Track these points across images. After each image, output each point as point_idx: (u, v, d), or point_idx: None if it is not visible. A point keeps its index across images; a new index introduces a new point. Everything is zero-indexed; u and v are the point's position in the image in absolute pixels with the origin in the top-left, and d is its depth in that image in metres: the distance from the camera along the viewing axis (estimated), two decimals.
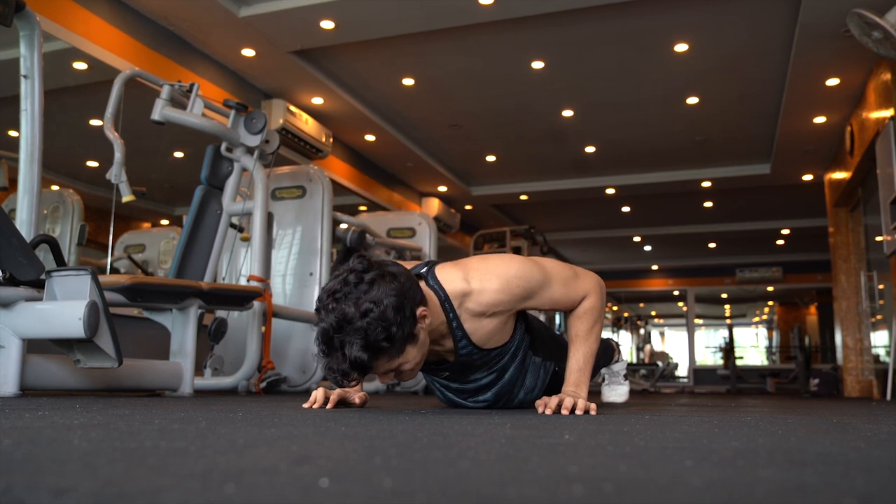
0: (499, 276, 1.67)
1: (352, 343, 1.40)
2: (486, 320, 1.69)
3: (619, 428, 1.19)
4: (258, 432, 0.98)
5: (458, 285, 1.66)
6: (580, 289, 1.77)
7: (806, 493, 0.53)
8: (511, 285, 1.67)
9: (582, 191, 8.40)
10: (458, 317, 1.67)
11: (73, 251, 4.24)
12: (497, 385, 1.89)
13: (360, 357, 1.41)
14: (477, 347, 1.72)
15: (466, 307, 1.67)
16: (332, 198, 4.22)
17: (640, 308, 17.52)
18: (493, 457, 0.73)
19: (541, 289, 1.71)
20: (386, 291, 1.42)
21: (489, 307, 1.67)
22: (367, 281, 1.43)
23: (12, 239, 2.06)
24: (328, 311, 1.42)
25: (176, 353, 2.79)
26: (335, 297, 1.43)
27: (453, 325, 1.67)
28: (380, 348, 1.42)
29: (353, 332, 1.40)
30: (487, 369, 1.84)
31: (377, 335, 1.40)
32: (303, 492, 0.49)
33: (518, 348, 1.86)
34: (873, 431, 1.21)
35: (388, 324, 1.41)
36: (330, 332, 1.42)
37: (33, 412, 1.34)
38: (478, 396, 1.93)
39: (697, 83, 5.64)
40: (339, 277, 1.46)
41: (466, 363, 1.78)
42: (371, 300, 1.41)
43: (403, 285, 1.47)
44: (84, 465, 0.60)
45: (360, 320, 1.39)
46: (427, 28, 4.67)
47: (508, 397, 1.95)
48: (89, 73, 4.27)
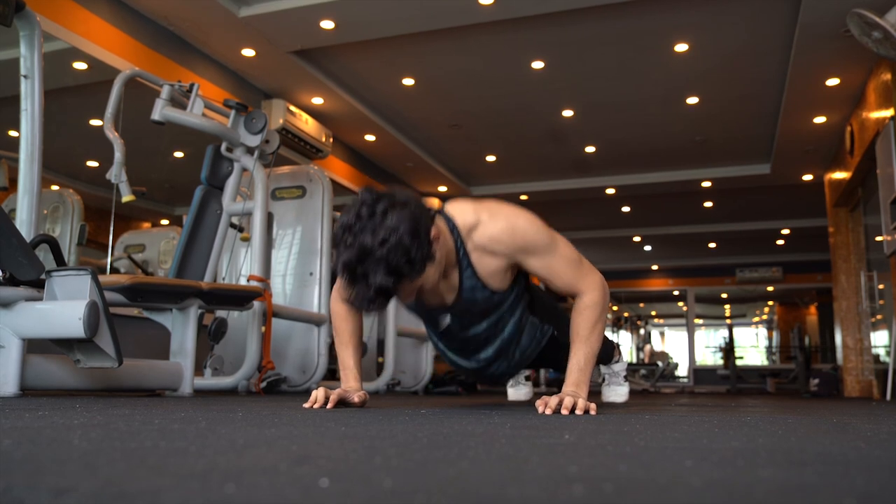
0: (507, 219, 1.72)
1: (375, 272, 1.46)
2: (488, 258, 1.73)
3: (619, 428, 1.19)
4: (258, 432, 0.98)
5: (468, 217, 1.72)
6: (582, 277, 1.78)
7: (806, 493, 0.53)
8: (516, 231, 1.71)
9: (582, 191, 8.40)
10: (466, 246, 1.72)
11: (73, 251, 4.25)
12: (496, 341, 1.94)
13: (385, 284, 1.46)
14: (481, 282, 1.75)
15: (473, 239, 1.72)
16: (332, 198, 4.22)
17: (640, 308, 17.52)
18: (493, 457, 0.73)
19: (543, 251, 1.73)
20: (399, 218, 1.47)
21: (491, 242, 1.71)
22: (379, 212, 1.47)
23: (12, 239, 2.06)
24: (347, 246, 1.47)
25: (176, 353, 2.79)
26: (352, 231, 1.47)
27: (460, 255, 1.72)
28: (402, 273, 1.48)
29: (374, 261, 1.45)
30: (486, 320, 1.87)
31: (398, 261, 1.46)
32: (303, 492, 0.49)
33: (517, 302, 1.89)
34: (873, 431, 1.21)
35: (407, 248, 1.46)
36: (353, 264, 1.47)
37: (33, 412, 1.34)
38: (479, 354, 1.98)
39: (697, 83, 5.65)
40: (352, 212, 1.50)
41: (469, 304, 1.80)
42: (387, 229, 1.45)
43: (414, 210, 1.51)
44: (84, 465, 0.60)
45: (379, 249, 1.45)
46: (427, 28, 4.67)
47: (506, 354, 1.99)
48: (89, 73, 4.27)
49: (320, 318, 3.96)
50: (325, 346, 3.97)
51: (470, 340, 1.93)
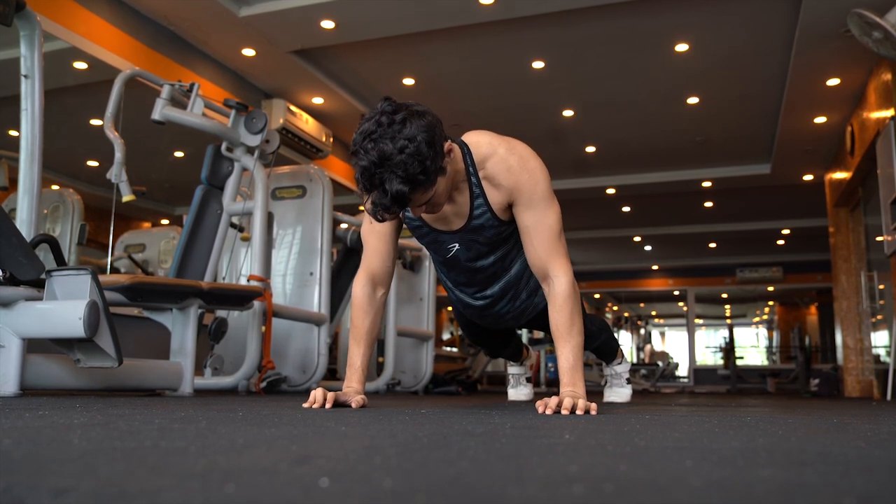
0: (522, 156, 1.77)
1: (391, 178, 1.50)
2: (493, 189, 1.77)
3: (619, 428, 1.19)
4: (258, 432, 0.98)
5: (483, 147, 1.77)
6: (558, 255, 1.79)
7: (806, 493, 0.52)
8: (524, 171, 1.75)
9: (582, 191, 8.40)
10: (478, 173, 1.76)
11: (74, 251, 4.25)
12: (503, 278, 1.98)
13: (402, 189, 1.51)
14: (490, 209, 1.79)
15: (486, 167, 1.76)
16: (332, 198, 4.22)
17: (640, 308, 17.52)
18: (494, 457, 0.73)
19: (537, 202, 1.76)
20: (418, 127, 1.52)
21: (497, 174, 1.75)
22: (398, 121, 1.51)
23: (12, 238, 2.06)
24: (366, 151, 1.50)
25: (176, 353, 2.79)
26: (371, 138, 1.50)
27: (472, 181, 1.76)
28: (417, 181, 1.52)
29: (392, 167, 1.49)
30: (493, 253, 1.90)
31: (414, 168, 1.50)
32: (303, 492, 0.49)
33: None
34: (873, 431, 1.21)
35: (423, 157, 1.51)
36: (371, 169, 1.50)
37: (33, 412, 1.34)
38: (485, 290, 2.01)
39: (697, 83, 5.65)
40: (372, 119, 1.53)
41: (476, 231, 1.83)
42: (405, 137, 1.50)
43: (431, 121, 1.56)
44: (84, 465, 0.60)
45: (398, 156, 1.49)
46: (427, 28, 4.67)
47: (514, 293, 2.02)
48: (89, 72, 4.27)
49: (320, 318, 3.96)
50: (325, 345, 3.97)
51: (476, 272, 1.96)
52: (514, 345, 2.77)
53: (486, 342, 2.59)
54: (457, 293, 2.08)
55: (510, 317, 2.13)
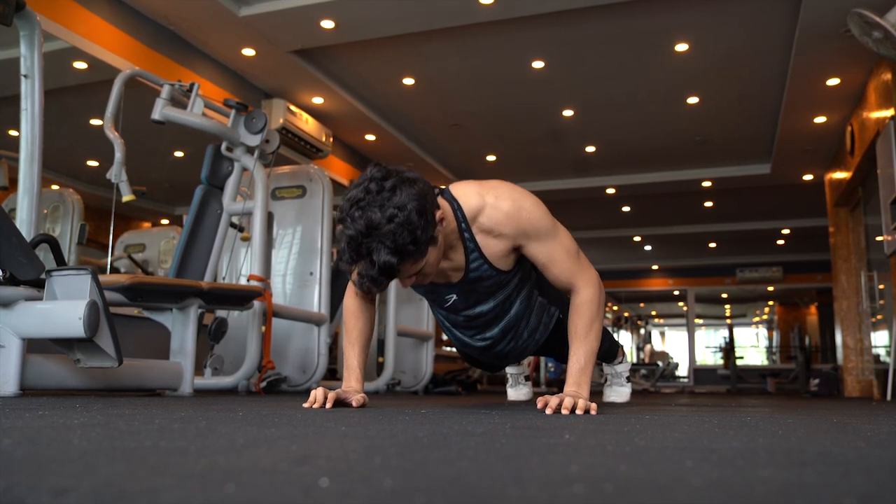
0: (514, 200, 1.72)
1: (379, 249, 1.45)
2: (493, 240, 1.73)
3: (619, 428, 1.19)
4: (258, 432, 0.98)
5: (472, 200, 1.71)
6: (579, 270, 1.78)
7: (806, 493, 0.52)
8: (521, 214, 1.71)
9: (582, 191, 8.40)
10: (471, 228, 1.71)
11: (74, 251, 4.25)
12: (503, 320, 1.93)
13: (390, 261, 1.45)
14: (487, 263, 1.75)
15: (479, 221, 1.71)
16: (332, 197, 4.22)
17: (640, 308, 17.52)
18: (493, 457, 0.72)
19: (545, 236, 1.74)
20: (408, 196, 1.46)
21: (497, 226, 1.71)
22: (388, 188, 1.46)
23: (12, 238, 2.06)
24: (354, 220, 1.45)
25: (176, 353, 2.79)
26: (359, 206, 1.45)
27: (465, 237, 1.71)
28: (406, 252, 1.47)
29: (380, 237, 1.44)
30: (493, 298, 1.86)
31: (404, 239, 1.45)
32: (303, 492, 0.49)
33: (524, 281, 1.89)
34: (873, 431, 1.21)
35: (413, 227, 1.45)
36: (358, 239, 1.45)
37: (33, 412, 1.34)
38: (485, 333, 1.96)
39: (697, 83, 5.64)
40: (360, 186, 1.48)
41: (475, 283, 1.80)
42: (395, 206, 1.44)
43: (422, 189, 1.50)
44: (84, 465, 0.60)
45: (386, 225, 1.44)
46: (427, 28, 4.66)
47: (513, 333, 1.98)
48: (89, 72, 4.27)
49: (320, 318, 3.96)
50: (326, 345, 3.97)
51: (476, 317, 1.92)
52: None
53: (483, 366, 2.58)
54: (455, 333, 2.03)
55: (512, 355, 2.11)
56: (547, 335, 2.05)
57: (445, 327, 2.04)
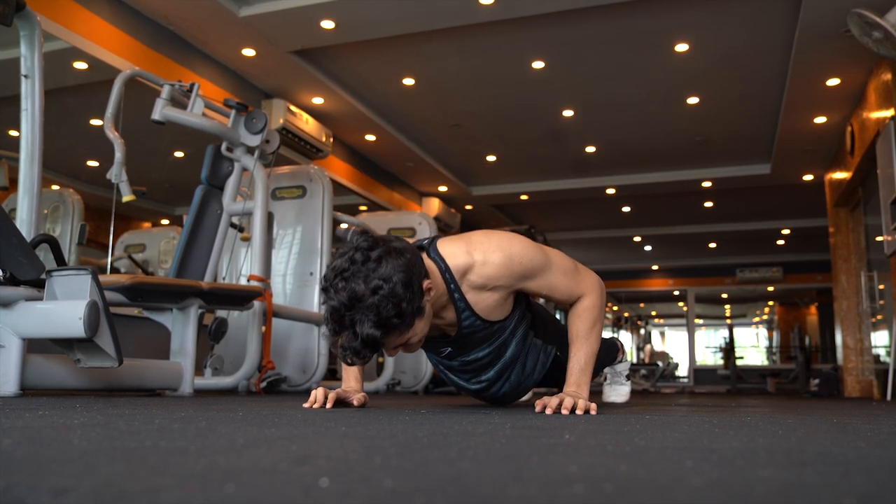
0: (502, 250, 1.68)
1: (363, 321, 1.41)
2: (486, 294, 1.71)
3: (619, 428, 1.19)
4: (258, 432, 0.98)
5: (460, 259, 1.68)
6: (580, 283, 1.78)
7: (806, 493, 0.52)
8: (513, 262, 1.68)
9: (582, 191, 8.40)
10: (460, 288, 1.68)
11: (74, 251, 4.25)
12: (498, 364, 1.91)
13: (373, 334, 1.41)
14: (480, 318, 1.74)
15: (468, 279, 1.68)
16: (332, 198, 4.22)
17: (640, 308, 17.52)
18: (493, 457, 0.73)
19: (541, 272, 1.72)
20: (394, 267, 1.43)
21: (490, 280, 1.68)
22: (374, 258, 1.43)
23: (12, 238, 2.06)
24: (337, 291, 1.42)
25: (176, 353, 2.79)
26: (343, 276, 1.42)
27: (455, 297, 1.69)
28: (391, 325, 1.43)
29: (364, 309, 1.40)
30: (488, 345, 1.85)
31: (388, 312, 1.41)
32: (303, 491, 0.49)
33: (519, 324, 1.87)
34: (873, 431, 1.21)
35: (399, 300, 1.41)
36: (341, 311, 1.42)
37: (33, 412, 1.34)
38: (480, 376, 1.94)
39: (697, 83, 5.64)
40: (346, 256, 1.45)
41: (468, 336, 1.79)
42: (380, 277, 1.41)
43: (409, 260, 1.47)
44: (84, 465, 0.60)
45: (370, 297, 1.40)
46: (427, 28, 4.66)
47: (509, 376, 1.96)
48: (89, 72, 4.27)
49: (320, 318, 3.96)
50: (326, 346, 3.97)
51: (471, 363, 1.91)
52: None
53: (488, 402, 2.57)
54: (450, 375, 2.02)
55: (510, 395, 2.09)
56: (546, 372, 2.03)
57: (440, 370, 2.02)
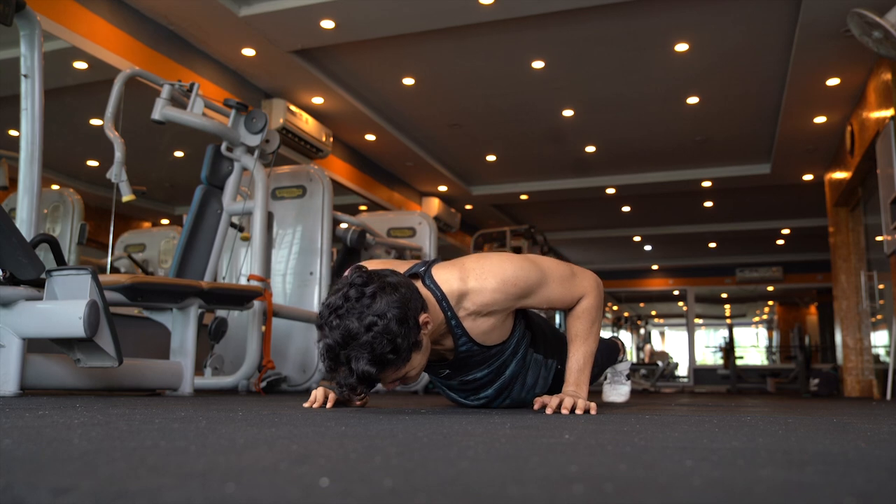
0: (495, 275, 1.67)
1: (358, 358, 1.40)
2: (482, 319, 1.70)
3: (619, 428, 1.19)
4: (258, 432, 0.98)
5: (454, 285, 1.66)
6: (578, 288, 1.78)
7: (806, 493, 0.52)
8: (508, 285, 1.67)
9: (582, 191, 8.40)
10: (457, 315, 1.67)
11: (74, 250, 4.25)
12: (498, 382, 1.90)
13: (368, 371, 1.40)
14: (477, 344, 1.73)
15: (464, 306, 1.67)
16: (332, 197, 4.22)
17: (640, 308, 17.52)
18: (493, 457, 0.73)
19: (538, 288, 1.71)
20: (388, 303, 1.42)
21: (486, 307, 1.67)
22: (368, 294, 1.42)
23: (12, 238, 2.06)
24: (332, 328, 1.41)
25: (176, 353, 2.79)
26: (338, 314, 1.41)
27: (452, 324, 1.67)
28: (386, 361, 1.42)
29: (358, 347, 1.39)
30: (487, 367, 1.84)
31: (383, 348, 1.40)
32: (303, 491, 0.49)
33: (518, 345, 1.87)
34: (873, 431, 1.21)
35: (394, 336, 1.40)
36: (336, 349, 1.41)
37: (34, 411, 1.34)
38: (479, 394, 1.94)
39: (698, 83, 5.64)
40: (340, 293, 1.44)
41: (466, 360, 1.78)
42: (375, 314, 1.40)
43: (404, 295, 1.46)
44: (84, 464, 0.60)
45: (365, 335, 1.39)
46: (427, 28, 4.66)
47: (509, 393, 1.96)
48: (89, 72, 4.27)
49: None
50: None
51: (470, 382, 1.90)
52: None
53: None
54: (449, 393, 2.02)
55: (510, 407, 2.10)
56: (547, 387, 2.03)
57: (439, 387, 2.02)
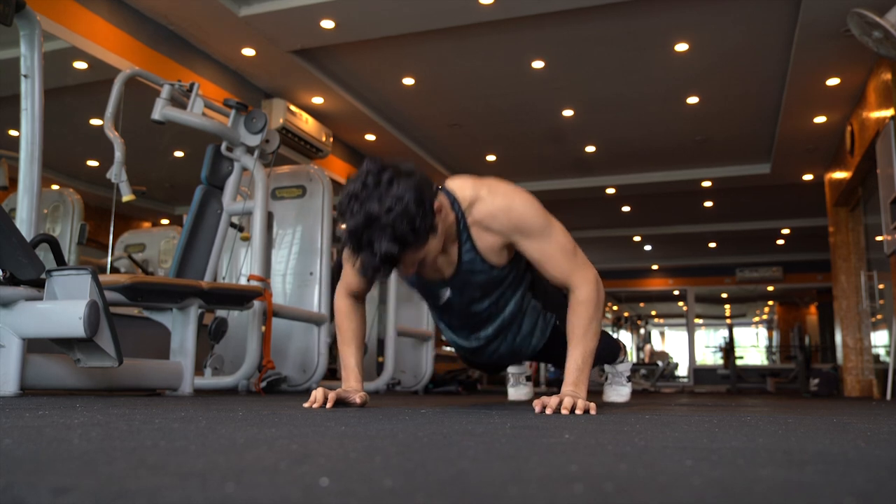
0: (505, 196, 1.74)
1: (380, 239, 1.48)
2: (485, 234, 1.75)
3: (619, 427, 1.19)
4: (258, 432, 0.98)
5: (467, 192, 1.74)
6: (575, 270, 1.77)
7: (806, 492, 0.52)
8: (513, 209, 1.72)
9: (582, 191, 8.40)
10: (466, 219, 1.74)
11: (74, 250, 4.25)
12: (498, 320, 1.95)
13: (390, 250, 1.48)
14: (480, 257, 1.77)
15: (472, 213, 1.73)
16: (332, 197, 4.22)
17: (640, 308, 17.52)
18: (493, 456, 0.73)
19: (538, 235, 1.74)
20: (405, 187, 1.49)
21: (486, 219, 1.72)
22: (385, 180, 1.49)
23: (12, 238, 2.06)
24: (354, 213, 1.49)
25: (176, 353, 2.79)
26: (358, 200, 1.49)
27: (460, 227, 1.74)
28: (407, 241, 1.50)
29: (380, 228, 1.47)
30: (487, 297, 1.88)
31: (403, 228, 1.48)
32: (303, 491, 0.49)
33: (518, 281, 1.90)
34: (873, 431, 1.21)
35: (412, 217, 1.48)
36: (359, 231, 1.49)
37: (34, 411, 1.34)
38: (479, 332, 1.99)
39: (697, 82, 5.64)
40: (358, 181, 1.52)
41: (467, 276, 1.81)
42: (393, 197, 1.48)
43: (419, 180, 1.53)
44: (84, 464, 0.60)
45: (385, 216, 1.47)
46: (427, 28, 4.67)
47: (506, 336, 2.00)
48: (89, 72, 4.27)
49: (320, 318, 3.96)
50: (326, 345, 3.97)
51: (471, 316, 1.94)
52: None
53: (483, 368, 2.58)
54: (450, 334, 2.07)
55: (506, 357, 2.11)
56: (545, 342, 2.06)
57: (440, 327, 2.08)
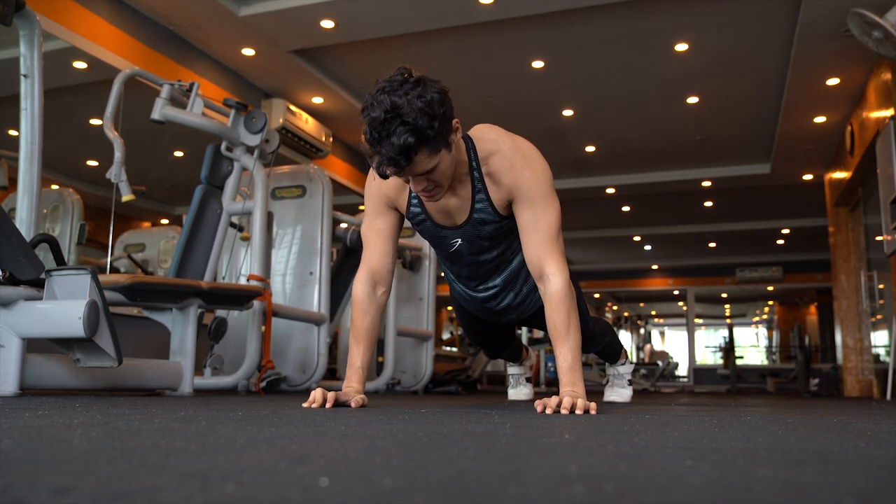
0: (524, 156, 1.78)
1: (400, 130, 1.53)
2: (496, 186, 1.79)
3: (619, 427, 1.19)
4: (258, 432, 0.98)
5: (488, 144, 1.78)
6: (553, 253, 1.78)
7: (806, 492, 0.52)
8: (525, 171, 1.76)
9: (582, 191, 8.40)
10: (480, 168, 1.78)
11: (73, 250, 4.25)
12: (506, 271, 2.00)
13: (409, 141, 1.52)
14: (491, 205, 1.81)
15: (488, 164, 1.77)
16: (332, 197, 4.22)
17: (640, 308, 17.53)
18: (493, 456, 0.73)
19: (537, 202, 1.77)
20: (430, 89, 1.56)
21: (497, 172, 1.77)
22: (412, 81, 1.56)
23: (12, 238, 2.06)
24: (379, 102, 1.54)
25: (176, 353, 2.79)
26: (385, 91, 1.55)
27: (475, 175, 1.78)
28: (425, 136, 1.54)
29: (402, 116, 1.52)
30: (495, 246, 1.92)
31: (424, 122, 1.53)
32: (303, 491, 0.49)
33: None
34: (873, 431, 1.21)
35: (434, 114, 1.54)
36: (381, 118, 1.53)
37: (33, 411, 1.34)
38: (487, 283, 2.04)
39: (698, 82, 5.64)
40: (386, 80, 1.58)
41: (478, 226, 1.84)
42: (417, 95, 1.54)
43: (443, 90, 1.59)
44: (84, 464, 0.60)
45: (408, 107, 1.52)
46: (427, 28, 4.67)
47: (514, 287, 2.04)
48: (89, 72, 4.27)
49: (320, 318, 3.96)
50: (325, 345, 3.97)
51: (479, 265, 1.98)
52: (513, 345, 2.76)
53: (487, 341, 2.58)
54: (459, 286, 2.12)
55: (511, 309, 2.13)
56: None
57: (450, 280, 2.13)
